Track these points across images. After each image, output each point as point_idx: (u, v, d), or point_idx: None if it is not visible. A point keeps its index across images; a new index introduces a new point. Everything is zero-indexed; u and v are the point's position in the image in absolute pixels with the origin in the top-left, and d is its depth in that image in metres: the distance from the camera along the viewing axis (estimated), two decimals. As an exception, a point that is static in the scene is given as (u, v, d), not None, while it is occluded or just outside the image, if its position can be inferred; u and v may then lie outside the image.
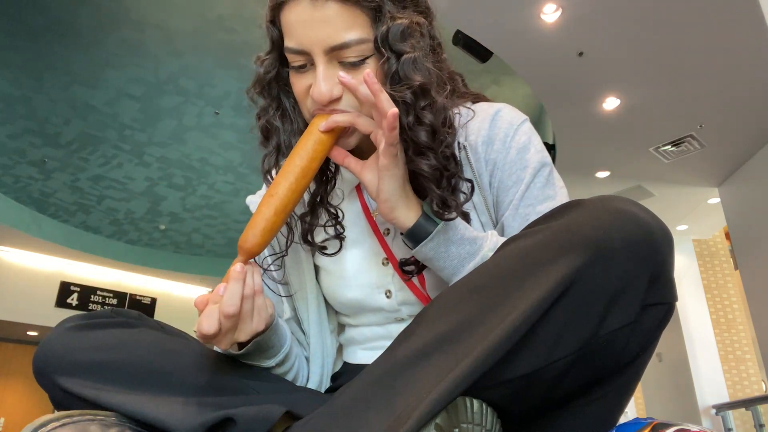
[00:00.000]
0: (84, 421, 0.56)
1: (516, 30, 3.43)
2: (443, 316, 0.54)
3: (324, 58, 0.67)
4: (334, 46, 0.66)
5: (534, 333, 0.48)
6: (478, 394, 0.49)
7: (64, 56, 5.17)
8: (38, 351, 0.64)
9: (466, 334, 0.50)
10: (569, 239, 0.49)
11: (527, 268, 0.50)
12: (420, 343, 0.53)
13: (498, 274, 0.53)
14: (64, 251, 7.56)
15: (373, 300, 0.78)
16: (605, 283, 0.47)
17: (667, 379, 6.26)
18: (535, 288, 0.48)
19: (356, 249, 0.80)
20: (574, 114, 4.18)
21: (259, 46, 0.76)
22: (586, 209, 0.51)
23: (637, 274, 0.48)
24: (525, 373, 0.48)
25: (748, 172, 4.75)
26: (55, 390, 0.63)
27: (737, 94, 3.85)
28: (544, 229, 0.52)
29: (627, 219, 0.49)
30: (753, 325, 4.79)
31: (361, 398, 0.54)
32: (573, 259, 0.47)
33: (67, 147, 6.35)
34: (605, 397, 0.54)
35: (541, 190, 0.73)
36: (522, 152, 0.74)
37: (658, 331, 0.52)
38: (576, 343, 0.48)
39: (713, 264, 6.48)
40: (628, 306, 0.48)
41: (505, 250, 0.55)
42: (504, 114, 0.77)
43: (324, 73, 0.67)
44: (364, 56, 0.68)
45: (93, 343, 0.64)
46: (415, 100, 0.67)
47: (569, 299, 0.47)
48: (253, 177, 6.89)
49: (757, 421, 4.89)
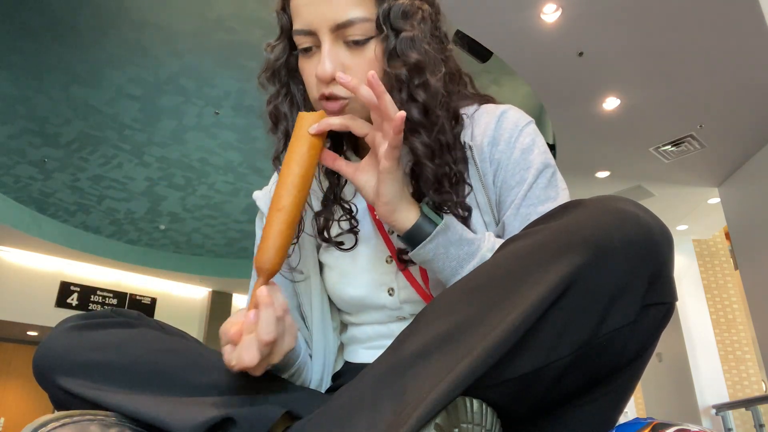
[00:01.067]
0: (84, 421, 0.56)
1: (516, 30, 3.43)
2: (443, 316, 0.54)
3: (329, 36, 0.69)
4: (339, 24, 0.68)
5: (534, 332, 0.47)
6: (479, 394, 0.49)
7: (64, 56, 5.17)
8: (38, 351, 0.64)
9: (466, 334, 0.50)
10: (569, 239, 0.49)
11: (527, 268, 0.50)
12: (420, 343, 0.53)
13: (498, 275, 0.52)
14: (64, 251, 7.56)
15: (376, 297, 0.78)
16: (605, 283, 0.47)
17: (667, 379, 6.26)
18: (534, 288, 0.48)
19: (361, 246, 0.80)
20: (574, 114, 4.18)
21: (259, 46, 0.77)
22: (586, 209, 0.51)
23: (637, 274, 0.48)
24: (525, 372, 0.48)
25: (748, 172, 4.75)
26: (55, 390, 0.63)
27: (737, 94, 3.85)
28: (543, 229, 0.52)
29: (627, 219, 0.49)
30: (753, 325, 4.79)
31: (360, 398, 0.54)
32: (573, 258, 0.47)
33: (67, 147, 6.35)
34: (605, 397, 0.54)
35: (543, 191, 0.73)
36: (526, 153, 0.75)
37: (658, 331, 0.52)
38: (576, 343, 0.48)
39: (713, 264, 6.48)
40: (628, 306, 0.48)
41: (505, 251, 0.55)
42: (510, 115, 0.77)
43: (329, 51, 0.68)
44: (368, 36, 0.69)
45: (92, 343, 0.64)
46: (410, 77, 0.68)
47: (569, 299, 0.47)
48: (253, 177, 6.88)
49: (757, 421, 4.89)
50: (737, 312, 6.33)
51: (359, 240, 0.80)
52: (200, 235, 8.21)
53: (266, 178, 0.93)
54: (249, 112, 5.86)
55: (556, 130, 4.42)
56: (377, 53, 0.69)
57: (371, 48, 0.69)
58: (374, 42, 0.70)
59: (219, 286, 9.08)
